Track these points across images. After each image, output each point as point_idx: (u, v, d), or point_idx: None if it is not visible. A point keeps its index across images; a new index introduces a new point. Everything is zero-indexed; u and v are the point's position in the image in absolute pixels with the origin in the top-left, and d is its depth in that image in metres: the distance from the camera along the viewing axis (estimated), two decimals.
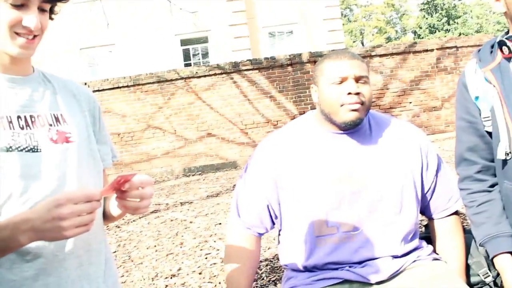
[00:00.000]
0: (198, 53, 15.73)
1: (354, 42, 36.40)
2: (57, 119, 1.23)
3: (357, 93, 1.57)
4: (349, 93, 1.56)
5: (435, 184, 1.73)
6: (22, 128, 1.14)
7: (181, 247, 4.13)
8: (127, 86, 10.51)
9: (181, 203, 6.20)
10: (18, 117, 1.15)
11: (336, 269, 1.61)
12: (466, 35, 27.34)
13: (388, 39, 36.67)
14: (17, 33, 1.12)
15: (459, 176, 1.71)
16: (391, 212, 1.62)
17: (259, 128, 10.65)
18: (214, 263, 3.54)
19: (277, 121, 10.66)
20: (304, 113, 8.08)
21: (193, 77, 10.53)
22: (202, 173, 9.31)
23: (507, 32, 1.56)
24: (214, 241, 4.14)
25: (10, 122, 1.13)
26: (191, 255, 3.86)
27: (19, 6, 1.10)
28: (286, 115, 10.68)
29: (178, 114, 10.50)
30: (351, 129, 1.64)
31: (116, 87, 10.48)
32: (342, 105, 1.57)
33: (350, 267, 1.60)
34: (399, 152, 1.67)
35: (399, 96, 10.88)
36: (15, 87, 1.18)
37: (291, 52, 13.93)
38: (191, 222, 4.97)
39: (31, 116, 1.18)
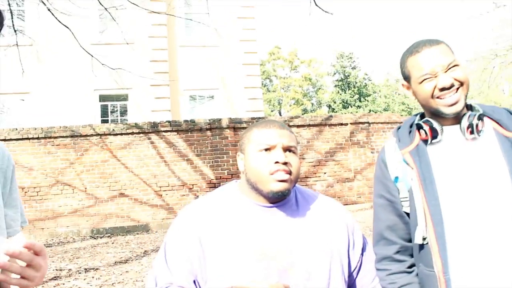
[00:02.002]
0: (117, 110, 15.42)
1: (272, 111, 37.50)
2: None
3: (285, 163, 1.53)
4: (277, 162, 1.52)
5: (361, 263, 1.70)
6: None
7: None
8: (37, 138, 10.02)
9: (85, 269, 5.80)
10: None
11: None
12: (375, 112, 29.14)
13: (305, 111, 38.13)
14: None
15: (377, 256, 1.68)
16: None
17: (174, 191, 10.46)
18: None
19: (192, 185, 10.54)
20: (220, 178, 7.96)
21: (109, 134, 10.27)
22: (111, 235, 8.88)
23: (423, 115, 1.64)
24: None
25: None
26: None
27: None
28: (203, 179, 10.60)
29: (90, 171, 10.10)
30: (278, 201, 1.59)
31: (25, 138, 9.96)
32: (270, 174, 1.52)
33: None
34: (326, 230, 1.64)
35: (314, 166, 11.21)
36: None
37: (211, 116, 14.06)
38: None
39: None
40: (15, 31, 8.65)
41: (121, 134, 10.34)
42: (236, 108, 16.02)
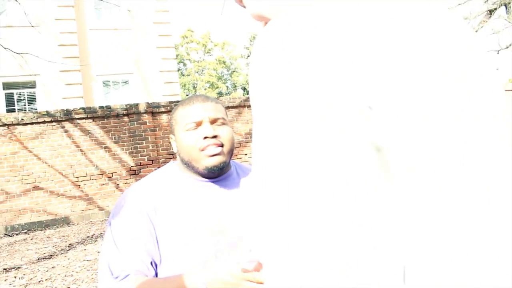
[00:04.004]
0: (24, 98, 14.47)
1: (187, 95, 37.13)
2: None
3: (215, 136, 1.48)
4: (206, 137, 1.48)
5: None
6: None
7: None
8: None
9: (5, 269, 5.39)
10: None
11: None
12: None
13: (220, 94, 38.14)
14: None
15: None
16: None
17: (93, 181, 10.04)
18: None
19: (112, 173, 10.17)
20: (140, 164, 7.72)
21: (18, 124, 9.60)
22: (29, 231, 8.34)
23: None
24: None
25: None
26: None
27: None
28: (122, 166, 10.25)
29: None
30: (217, 175, 1.55)
31: None
32: (201, 150, 1.48)
33: None
34: None
35: (235, 148, 11.21)
36: None
37: (126, 102, 13.61)
38: None
39: None
40: None
41: (32, 123, 9.70)
42: (152, 93, 15.66)
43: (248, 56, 38.65)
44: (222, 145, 1.49)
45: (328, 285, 0.48)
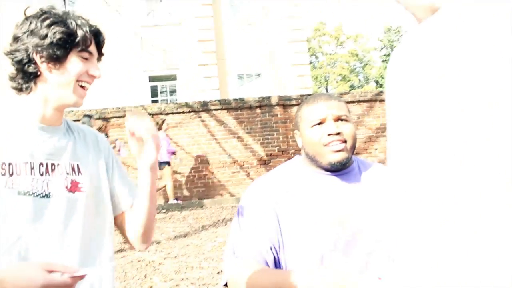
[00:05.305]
0: (166, 90, 15.68)
1: (318, 88, 37.17)
2: (73, 169, 1.39)
3: (338, 133, 1.55)
4: (330, 134, 1.55)
5: None
6: (42, 175, 1.30)
7: None
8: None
9: None
10: (41, 164, 1.31)
11: None
12: None
13: (352, 87, 37.63)
14: (79, 84, 1.36)
15: None
16: (384, 260, 1.53)
17: (225, 168, 10.56)
18: None
19: (243, 162, 10.60)
20: (271, 155, 7.93)
21: (160, 113, 10.42)
22: (167, 211, 9.06)
23: None
24: (187, 286, 3.95)
25: (32, 168, 1.29)
26: None
27: (85, 59, 1.37)
28: (253, 156, 10.64)
29: None
30: (339, 170, 1.62)
31: (80, 120, 10.23)
32: (325, 146, 1.56)
33: None
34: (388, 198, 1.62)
35: (365, 142, 11.04)
36: (44, 135, 1.35)
37: (259, 94, 14.07)
38: (160, 264, 4.75)
39: (52, 164, 1.34)
40: None
41: (172, 113, 10.48)
42: (284, 86, 15.96)
43: (382, 48, 37.67)
44: (345, 141, 1.57)
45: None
